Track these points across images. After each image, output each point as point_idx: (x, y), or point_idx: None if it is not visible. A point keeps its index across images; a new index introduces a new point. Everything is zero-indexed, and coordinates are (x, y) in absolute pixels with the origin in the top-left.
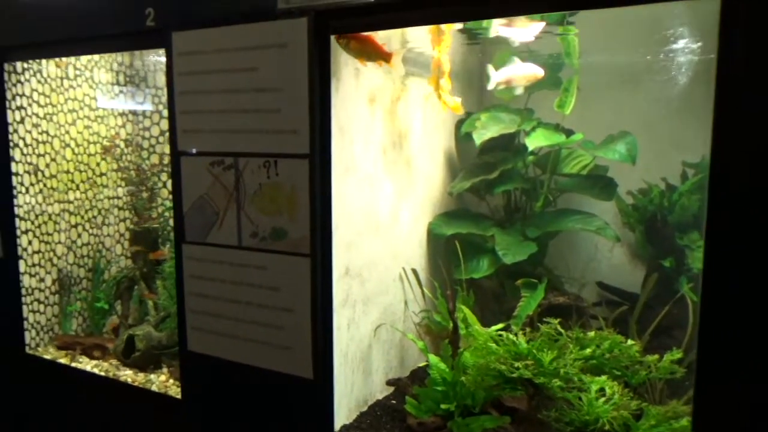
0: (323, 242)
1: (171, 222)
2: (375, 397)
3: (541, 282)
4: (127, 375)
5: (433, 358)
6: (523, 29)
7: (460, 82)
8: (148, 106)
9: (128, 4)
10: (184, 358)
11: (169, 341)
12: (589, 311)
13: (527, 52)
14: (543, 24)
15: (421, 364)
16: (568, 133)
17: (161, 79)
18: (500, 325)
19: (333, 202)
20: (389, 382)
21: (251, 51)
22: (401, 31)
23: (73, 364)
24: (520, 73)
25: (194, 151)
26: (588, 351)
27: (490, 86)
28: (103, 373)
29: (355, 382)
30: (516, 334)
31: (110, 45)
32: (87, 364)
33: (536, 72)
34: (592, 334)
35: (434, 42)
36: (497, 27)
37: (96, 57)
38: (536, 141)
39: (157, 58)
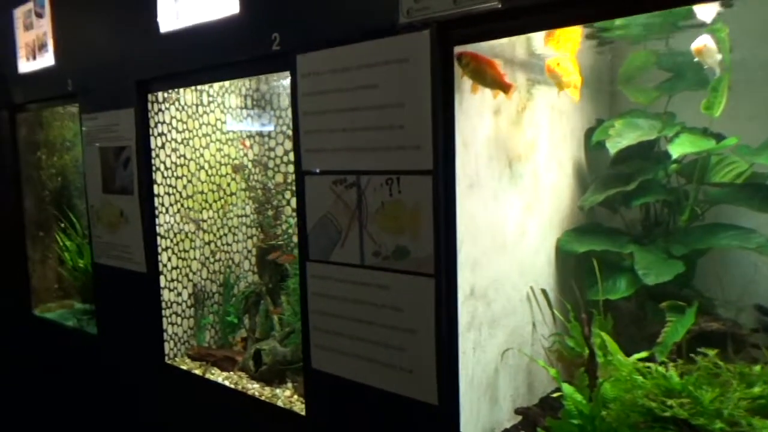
0: (447, 262)
1: (294, 239)
2: (502, 425)
3: (690, 305)
4: (254, 389)
5: (568, 388)
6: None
7: (589, 88)
8: (273, 128)
9: (255, 32)
10: (308, 375)
11: (293, 357)
12: (749, 339)
13: (666, 51)
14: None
15: (552, 393)
16: (719, 137)
17: (284, 101)
18: (643, 354)
19: (457, 219)
20: (518, 411)
21: (372, 68)
22: (525, 38)
23: (206, 376)
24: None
25: (317, 170)
26: (757, 390)
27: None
28: (232, 386)
29: (481, 409)
30: (665, 365)
31: (240, 71)
32: (218, 376)
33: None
34: (758, 368)
35: (561, 43)
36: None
37: (227, 84)
38: (682, 148)
39: (281, 81)
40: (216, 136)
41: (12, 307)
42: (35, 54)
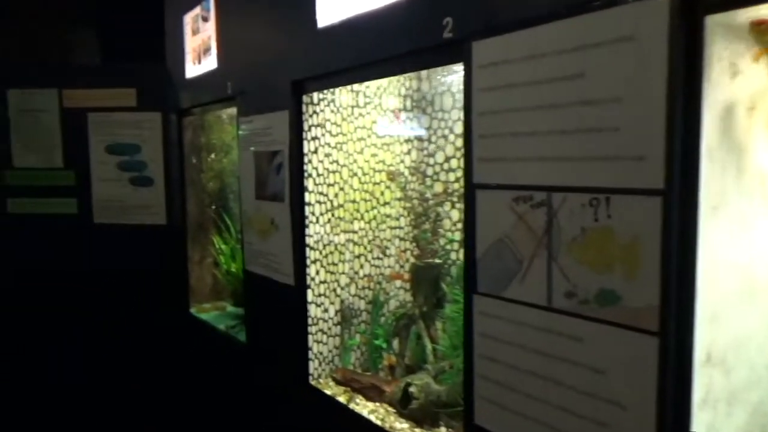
0: (680, 315)
1: (453, 255)
2: None
3: None
4: (403, 429)
5: None
6: None
7: None
8: (433, 131)
9: (424, 18)
10: (469, 430)
11: (449, 398)
12: None
13: None
14: None
15: None
16: None
17: (447, 102)
18: None
19: (698, 257)
20: None
21: (576, 52)
22: None
23: (351, 405)
24: None
25: (494, 183)
26: None
27: None
28: (379, 422)
29: None
30: None
31: (403, 66)
32: (364, 408)
33: None
34: None
35: None
36: None
37: (384, 83)
38: None
39: (444, 78)
40: (371, 140)
41: (172, 304)
42: (200, 58)
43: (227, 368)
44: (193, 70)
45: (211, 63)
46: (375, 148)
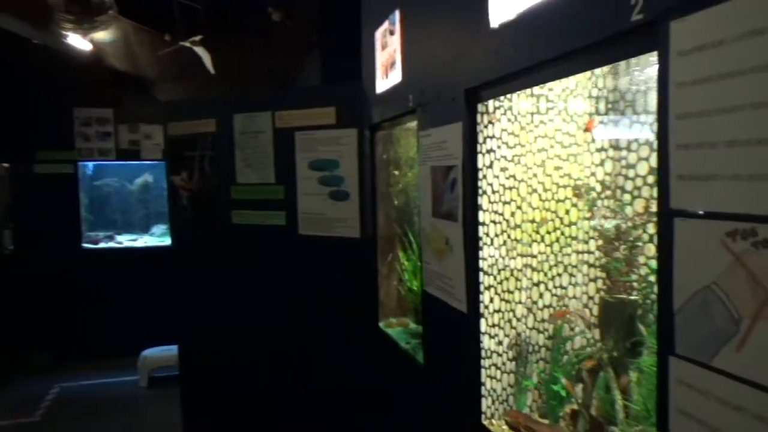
0: None
1: (655, 294)
2: None
3: None
4: None
5: None
6: None
7: None
8: (634, 138)
9: (606, 1)
10: None
11: None
12: None
13: None
14: None
15: None
16: None
17: (653, 101)
18: None
19: None
20: None
21: None
22: None
23: None
24: None
25: (699, 210)
26: None
27: None
28: None
29: None
30: None
31: (584, 61)
32: None
33: None
34: None
35: None
36: None
37: (571, 84)
38: None
39: (646, 72)
40: (554, 151)
41: (364, 316)
42: (387, 72)
43: (405, 387)
44: (382, 84)
45: (396, 77)
46: (559, 160)
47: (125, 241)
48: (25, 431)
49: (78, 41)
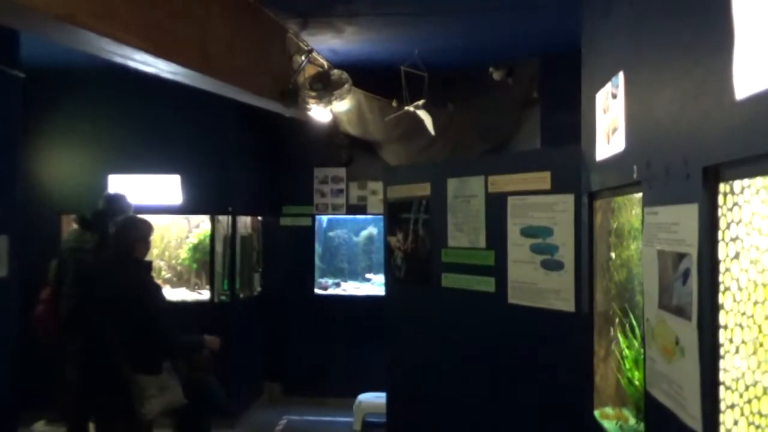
0: None
1: None
2: None
3: None
4: None
5: None
6: None
7: None
8: None
9: None
10: None
11: None
12: None
13: None
14: None
15: None
16: None
17: None
18: None
19: None
20: None
21: None
22: None
23: None
24: None
25: None
26: None
27: None
28: None
29: None
30: None
31: None
32: None
33: None
34: None
35: None
36: None
37: None
38: None
39: None
40: None
41: (576, 401)
42: (609, 138)
43: None
44: (602, 150)
45: (618, 144)
46: None
47: (349, 288)
48: None
49: (319, 112)
